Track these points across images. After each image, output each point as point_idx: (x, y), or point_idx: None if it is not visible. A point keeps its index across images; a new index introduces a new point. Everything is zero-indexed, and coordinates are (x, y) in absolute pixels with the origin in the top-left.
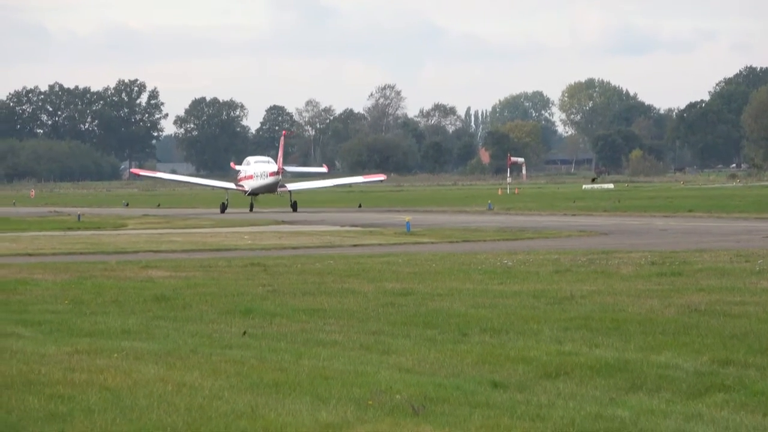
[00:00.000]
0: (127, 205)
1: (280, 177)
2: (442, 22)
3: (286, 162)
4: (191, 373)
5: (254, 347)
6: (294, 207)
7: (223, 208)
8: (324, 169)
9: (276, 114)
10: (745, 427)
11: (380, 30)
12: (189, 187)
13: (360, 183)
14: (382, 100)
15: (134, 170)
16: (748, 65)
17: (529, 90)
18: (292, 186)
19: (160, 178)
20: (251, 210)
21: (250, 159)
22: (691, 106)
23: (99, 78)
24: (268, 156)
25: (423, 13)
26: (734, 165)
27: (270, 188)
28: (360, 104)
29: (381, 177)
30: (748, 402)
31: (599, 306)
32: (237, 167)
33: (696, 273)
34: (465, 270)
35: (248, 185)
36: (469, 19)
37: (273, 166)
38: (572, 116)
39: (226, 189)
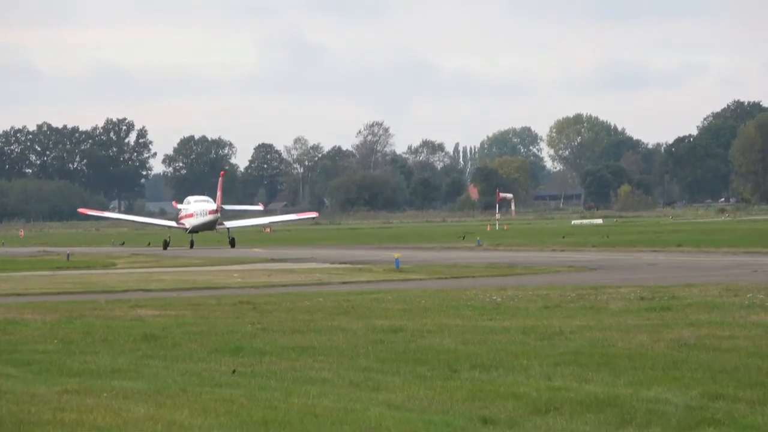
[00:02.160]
0: (123, 244)
1: (219, 215)
2: (430, 58)
3: (275, 198)
4: (181, 411)
5: (244, 385)
6: (232, 243)
7: (166, 245)
8: (260, 207)
9: (264, 152)
10: None
11: (368, 67)
12: (135, 227)
13: (294, 220)
14: (370, 137)
15: (81, 210)
16: (736, 100)
17: (518, 126)
18: (230, 224)
19: (107, 218)
20: (191, 247)
21: (191, 198)
22: (680, 140)
23: (87, 117)
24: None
25: (410, 50)
26: (723, 199)
27: (209, 226)
28: (348, 141)
29: (313, 214)
30: None
31: (589, 341)
32: (178, 206)
33: (685, 308)
34: (454, 306)
35: (189, 223)
36: (457, 56)
37: (212, 205)
38: (560, 152)
39: (169, 227)
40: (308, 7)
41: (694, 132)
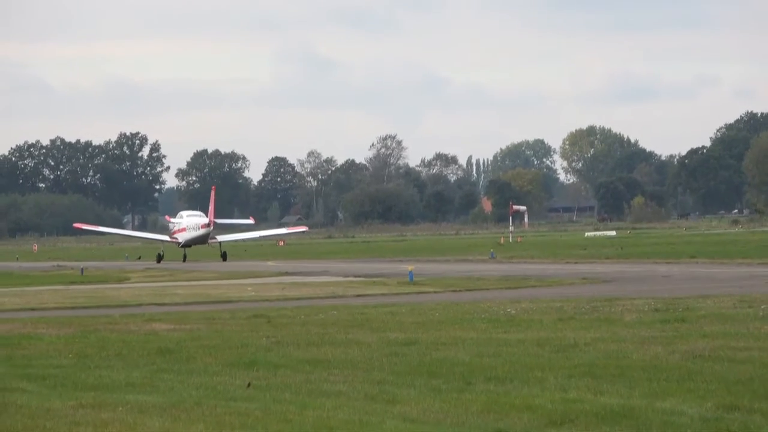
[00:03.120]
0: (140, 258)
1: (211, 229)
2: (443, 71)
3: (288, 212)
4: (196, 425)
5: (259, 399)
6: (224, 257)
7: (159, 259)
8: (251, 221)
9: (278, 165)
10: None
11: (381, 80)
12: (128, 241)
13: (284, 234)
14: (383, 150)
15: (77, 225)
16: (749, 111)
17: (531, 138)
18: (222, 237)
19: (101, 232)
20: (184, 260)
21: (183, 213)
22: (693, 152)
23: (101, 132)
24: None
25: (423, 63)
26: (736, 210)
27: (201, 240)
28: (362, 155)
29: (303, 229)
30: None
31: (603, 353)
32: (171, 220)
33: (699, 319)
34: (468, 319)
35: (181, 237)
36: (469, 69)
37: (204, 219)
38: (574, 164)
39: (162, 241)
40: (321, 22)
41: (708, 143)
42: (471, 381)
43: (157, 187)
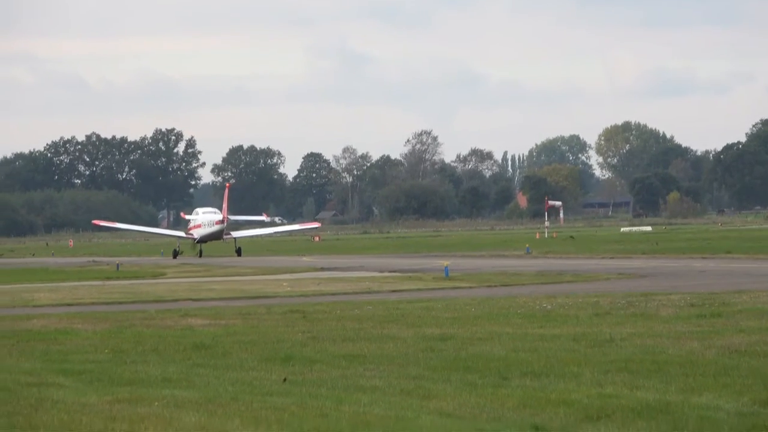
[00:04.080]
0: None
1: (225, 225)
2: (478, 67)
3: (323, 207)
4: (232, 420)
5: (295, 394)
6: (239, 252)
7: (175, 254)
8: (264, 218)
9: (313, 161)
10: None
11: (416, 76)
12: (135, 238)
13: (297, 230)
14: (418, 145)
15: (95, 221)
16: None
17: (566, 134)
18: (236, 234)
19: (119, 228)
20: (200, 256)
21: (199, 210)
22: (728, 147)
23: (136, 127)
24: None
25: (458, 59)
26: None
27: (216, 236)
28: (397, 150)
29: (315, 224)
30: None
31: (639, 348)
32: (187, 217)
33: (736, 314)
34: (504, 314)
35: (197, 233)
36: (504, 64)
37: (218, 216)
38: (609, 159)
39: (178, 237)
40: (355, 17)
41: (743, 139)
42: (507, 376)
43: (193, 182)
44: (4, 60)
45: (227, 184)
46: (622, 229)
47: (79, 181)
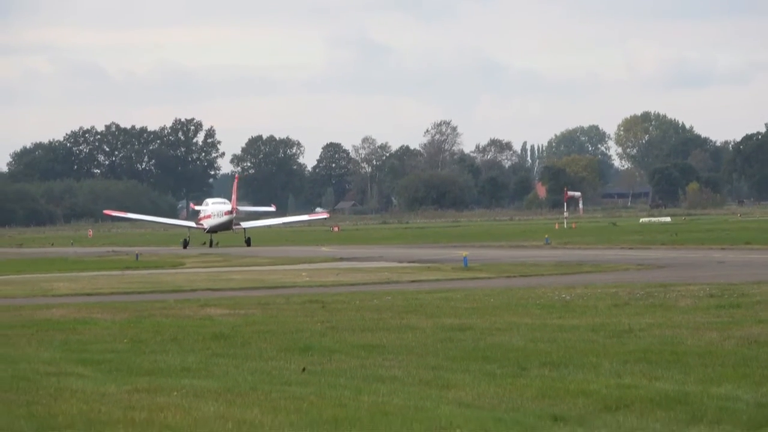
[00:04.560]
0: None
1: (234, 215)
2: (497, 57)
3: (342, 197)
4: (251, 410)
5: (313, 384)
6: (248, 243)
7: (185, 244)
8: (272, 209)
9: (332, 151)
10: None
11: (435, 66)
12: (155, 228)
13: (306, 221)
14: (438, 136)
15: (106, 211)
16: None
17: (585, 124)
18: (246, 224)
19: (129, 218)
20: (210, 246)
21: (209, 200)
22: (748, 138)
23: (155, 117)
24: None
25: (477, 49)
26: None
27: (226, 226)
28: (416, 141)
29: (324, 215)
30: None
31: (658, 339)
32: (197, 207)
33: (755, 305)
34: (523, 304)
35: (207, 224)
36: (524, 54)
37: (228, 206)
38: (628, 150)
39: (189, 227)
40: (375, 7)
41: (763, 129)
42: (526, 366)
43: (212, 172)
44: (24, 50)
45: (236, 176)
46: (641, 220)
47: (99, 171)
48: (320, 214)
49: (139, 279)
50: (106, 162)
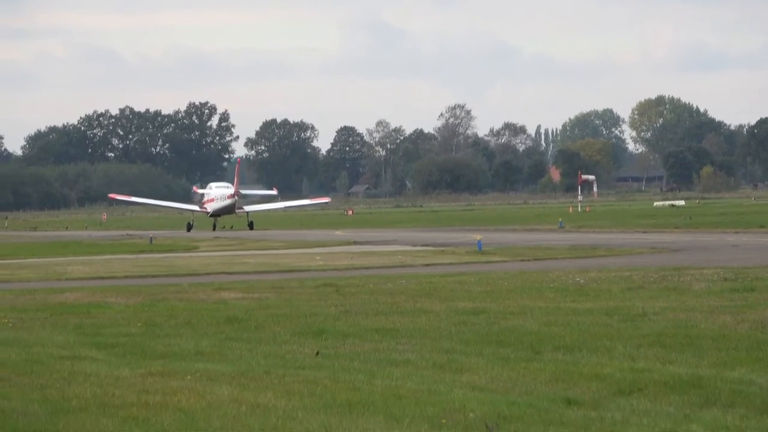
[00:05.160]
0: (232, 227)
1: (236, 199)
2: (512, 41)
3: (356, 181)
4: (265, 393)
5: (327, 367)
6: (251, 226)
7: (189, 228)
8: (274, 192)
9: (346, 135)
10: None
11: (450, 50)
12: (168, 212)
13: (307, 205)
14: (452, 119)
15: (111, 195)
16: None
17: (600, 108)
18: (249, 208)
19: (134, 202)
20: (214, 229)
21: (212, 185)
22: (762, 122)
23: (170, 101)
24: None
25: (492, 33)
26: None
27: (229, 210)
28: (430, 124)
29: (326, 200)
30: None
31: (672, 323)
32: (200, 191)
33: None
34: (537, 288)
35: (210, 207)
36: (538, 38)
37: (230, 190)
38: (643, 133)
39: (192, 211)
40: None
41: None
42: (539, 350)
43: (226, 156)
44: (39, 34)
45: (238, 160)
46: (655, 204)
47: (113, 155)
48: (323, 199)
49: (153, 262)
50: (120, 146)
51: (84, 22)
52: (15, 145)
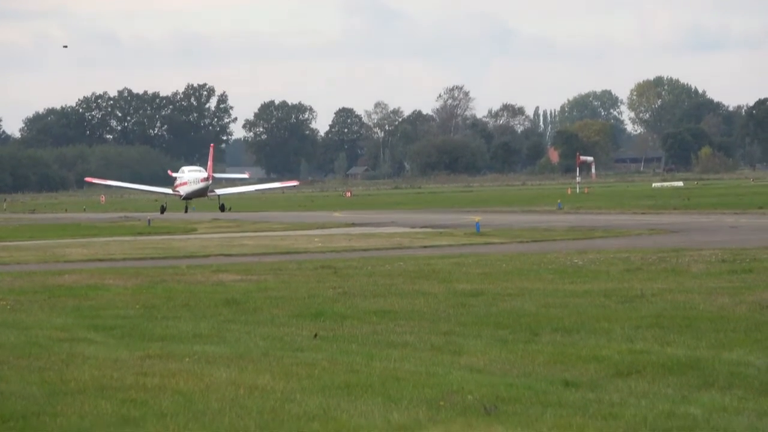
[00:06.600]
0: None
1: (210, 183)
2: (510, 22)
3: (355, 163)
4: (263, 376)
5: (325, 349)
6: (222, 208)
7: (162, 210)
8: (246, 175)
9: (345, 116)
10: None
11: (448, 31)
12: (134, 194)
13: (278, 188)
14: (450, 101)
15: (88, 178)
16: None
17: (598, 89)
18: (220, 191)
19: (110, 186)
20: (186, 211)
21: (185, 168)
22: (761, 102)
23: (168, 83)
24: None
25: (490, 14)
26: None
27: (201, 193)
28: (428, 106)
29: (294, 183)
30: None
31: (670, 304)
32: (174, 174)
33: (767, 270)
34: (535, 270)
35: (183, 191)
36: (537, 19)
37: (203, 174)
38: (641, 114)
39: (165, 194)
40: None
41: None
42: (537, 332)
43: (224, 138)
44: (37, 15)
45: (212, 145)
46: (654, 185)
47: (111, 137)
48: (291, 182)
49: (152, 245)
50: (119, 127)
51: (82, 3)
52: (13, 127)
